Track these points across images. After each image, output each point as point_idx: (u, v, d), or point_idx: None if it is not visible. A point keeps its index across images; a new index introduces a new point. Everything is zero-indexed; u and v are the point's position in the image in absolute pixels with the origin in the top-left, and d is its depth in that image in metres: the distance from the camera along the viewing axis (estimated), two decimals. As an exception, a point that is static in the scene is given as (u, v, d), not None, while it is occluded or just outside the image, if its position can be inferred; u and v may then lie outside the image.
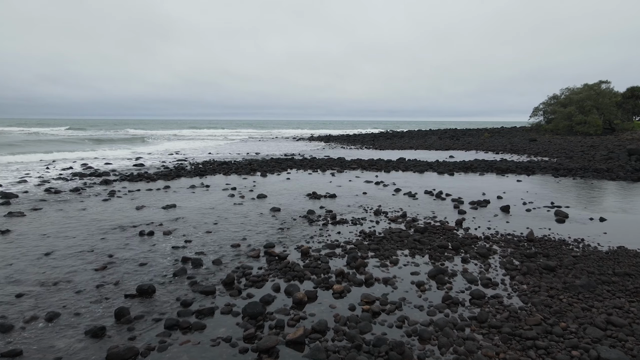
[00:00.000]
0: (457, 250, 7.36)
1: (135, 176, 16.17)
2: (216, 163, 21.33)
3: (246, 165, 20.02)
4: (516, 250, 7.30)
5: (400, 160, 22.94)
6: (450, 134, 51.58)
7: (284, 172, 18.35)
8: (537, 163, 21.33)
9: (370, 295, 5.29)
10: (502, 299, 5.30)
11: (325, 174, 18.04)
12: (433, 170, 19.19)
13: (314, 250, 7.32)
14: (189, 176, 16.78)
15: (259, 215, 10.05)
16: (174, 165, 20.75)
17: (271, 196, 12.58)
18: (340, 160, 22.53)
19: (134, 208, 10.66)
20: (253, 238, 8.04)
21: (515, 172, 18.25)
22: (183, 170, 18.21)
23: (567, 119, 44.52)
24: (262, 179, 16.28)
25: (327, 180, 15.95)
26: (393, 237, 8.06)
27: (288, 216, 9.94)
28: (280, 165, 20.51)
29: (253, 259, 6.84)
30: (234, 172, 18.04)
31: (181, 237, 8.11)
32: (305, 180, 15.93)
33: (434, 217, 9.91)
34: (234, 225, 9.05)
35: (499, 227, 9.04)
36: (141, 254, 7.01)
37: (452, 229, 8.72)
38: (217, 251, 7.23)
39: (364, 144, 39.44)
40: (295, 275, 6.06)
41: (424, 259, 6.95)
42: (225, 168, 19.17)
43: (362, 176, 17.19)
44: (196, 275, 6.09)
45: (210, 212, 10.25)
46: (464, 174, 18.01)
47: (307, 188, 14.06)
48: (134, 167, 19.77)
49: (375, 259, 6.89)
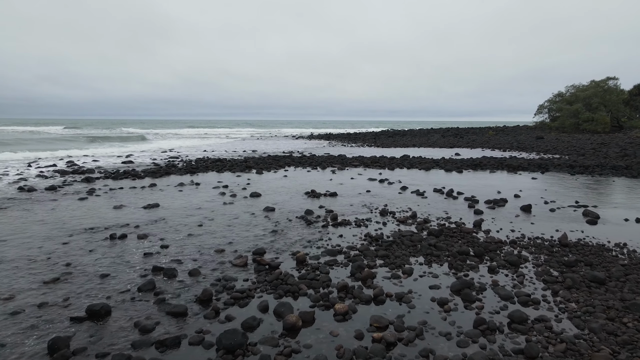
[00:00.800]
0: (481, 258, 6.23)
1: (120, 174, 15.04)
2: (210, 160, 20.19)
3: (241, 163, 18.88)
4: (551, 258, 6.16)
5: (405, 157, 21.79)
6: (453, 132, 50.45)
7: (281, 170, 17.21)
8: (550, 160, 20.19)
9: (382, 318, 4.16)
10: (550, 323, 4.16)
11: (326, 171, 16.90)
12: (440, 167, 18.05)
13: (311, 257, 6.18)
14: (179, 174, 15.64)
15: (250, 215, 8.91)
16: (165, 162, 19.61)
17: (266, 195, 11.44)
18: (341, 158, 21.39)
19: (111, 208, 9.53)
20: (241, 243, 6.91)
21: (527, 170, 17.11)
22: (173, 168, 17.07)
23: (574, 117, 43.38)
24: (257, 177, 15.14)
25: (328, 178, 14.82)
26: (404, 242, 6.92)
27: (283, 217, 8.80)
28: (277, 162, 19.37)
29: (238, 269, 5.71)
30: (227, 170, 16.90)
31: (157, 241, 6.97)
32: (304, 178, 14.80)
33: (447, 218, 8.76)
34: (220, 227, 7.91)
35: (523, 229, 7.90)
36: (105, 263, 5.87)
37: (470, 232, 7.57)
38: (197, 259, 6.09)
39: (365, 142, 38.30)
40: (289, 290, 4.92)
41: (442, 268, 5.82)
42: (219, 165, 18.03)
43: (364, 174, 16.05)
44: (166, 290, 4.95)
45: (195, 213, 9.11)
46: (473, 172, 16.87)
47: (305, 186, 12.93)
48: (122, 165, 18.64)
49: (384, 269, 5.75)
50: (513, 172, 16.76)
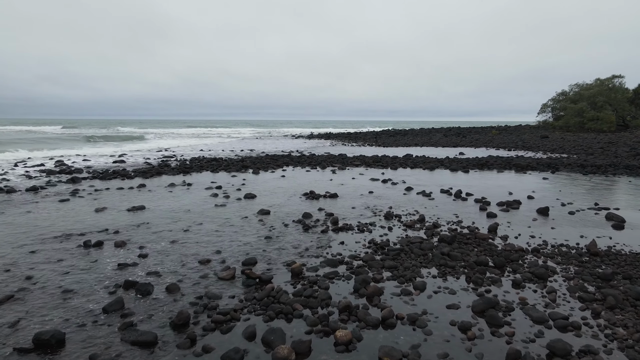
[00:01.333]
0: (502, 269, 5.47)
1: (109, 173, 14.28)
2: (205, 160, 19.43)
3: (238, 162, 18.13)
4: (582, 269, 5.40)
5: (407, 156, 21.03)
6: (455, 131, 49.69)
7: (279, 170, 16.45)
8: (559, 160, 19.43)
9: (394, 350, 3.40)
10: (599, 356, 3.40)
11: (325, 171, 16.14)
12: (444, 167, 17.29)
13: (309, 268, 5.43)
14: (171, 173, 14.88)
15: (242, 219, 8.14)
16: (158, 162, 18.85)
17: (261, 196, 10.68)
18: (341, 157, 20.63)
19: (92, 210, 8.77)
20: (230, 251, 6.15)
21: (537, 169, 16.35)
22: (166, 167, 16.31)
23: (578, 116, 42.60)
24: (253, 177, 14.38)
25: (328, 178, 14.06)
26: (413, 250, 6.16)
27: (278, 221, 8.04)
28: (275, 162, 18.61)
29: (225, 283, 4.95)
30: (222, 170, 16.14)
31: (136, 249, 6.21)
32: (303, 178, 14.04)
33: (459, 222, 8.00)
34: (208, 233, 7.15)
35: (544, 234, 7.14)
36: (72, 276, 5.11)
37: (486, 238, 6.81)
38: (177, 270, 5.33)
39: (366, 141, 37.54)
40: (281, 311, 4.17)
41: (459, 282, 5.06)
42: (214, 165, 17.28)
43: (366, 173, 15.29)
44: (136, 311, 4.20)
45: (183, 216, 8.36)
46: (480, 171, 16.11)
47: (304, 187, 12.17)
48: (113, 165, 17.88)
49: (393, 282, 5.00)
50: (522, 171, 16.00)
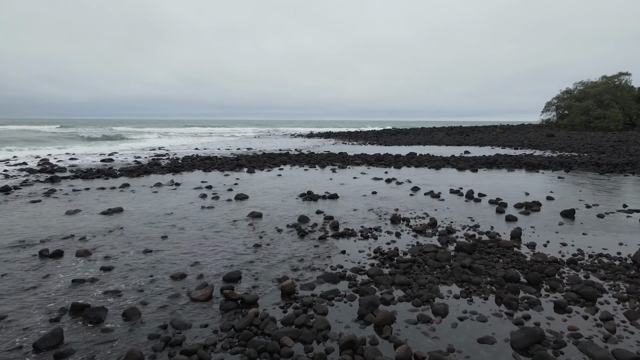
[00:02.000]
0: (538, 286, 4.51)
1: (93, 173, 13.33)
2: (199, 158, 18.48)
3: (232, 161, 17.17)
4: (635, 286, 4.45)
5: (411, 155, 20.07)
6: (457, 130, 48.73)
7: (275, 168, 15.49)
8: (571, 158, 18.47)
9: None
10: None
11: (325, 170, 15.18)
12: (451, 165, 16.33)
13: (303, 285, 4.47)
14: (160, 172, 13.93)
15: (230, 224, 7.19)
16: (148, 160, 17.89)
17: (254, 197, 9.73)
18: (342, 155, 19.67)
19: (63, 213, 7.82)
20: (210, 263, 5.19)
21: (549, 168, 15.39)
22: (156, 166, 15.36)
23: (584, 114, 41.64)
24: (247, 176, 13.42)
25: (327, 178, 13.10)
26: (427, 261, 5.21)
27: (271, 226, 7.08)
28: (272, 160, 17.65)
29: (198, 306, 4.00)
30: (216, 168, 15.19)
31: (101, 260, 5.26)
32: (301, 178, 13.08)
33: (475, 227, 7.05)
34: (189, 239, 6.20)
35: (577, 242, 6.18)
36: (10, 297, 4.16)
37: (510, 246, 5.86)
38: (144, 288, 4.38)
39: (367, 140, 36.55)
40: (265, 348, 3.21)
41: (489, 303, 4.10)
42: (207, 163, 16.33)
43: (368, 172, 14.33)
44: (77, 348, 3.24)
45: (163, 220, 7.40)
46: (489, 170, 15.16)
47: (301, 187, 11.21)
48: (100, 163, 16.93)
49: (406, 305, 4.05)
50: (533, 170, 15.04)
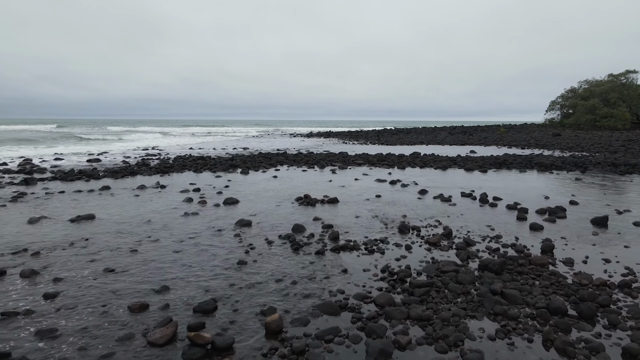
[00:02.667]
0: (592, 320, 3.55)
1: (74, 174, 12.37)
2: (191, 158, 17.51)
3: (226, 161, 16.21)
4: None
5: (415, 155, 19.11)
6: (460, 130, 47.75)
7: (271, 169, 14.53)
8: (583, 158, 17.50)
9: None
10: None
11: (324, 171, 14.23)
12: (458, 166, 15.38)
13: (293, 321, 3.51)
14: (147, 174, 12.97)
15: (214, 234, 6.23)
16: (137, 161, 16.93)
17: (245, 201, 8.78)
18: (342, 155, 18.71)
19: (24, 221, 6.86)
20: (182, 287, 4.23)
21: (563, 169, 14.44)
22: (144, 167, 14.41)
23: (590, 113, 40.66)
24: (241, 178, 12.46)
25: (326, 179, 12.14)
26: (447, 284, 4.25)
27: (261, 236, 6.12)
28: (268, 160, 16.69)
29: (154, 354, 3.04)
30: (207, 169, 14.23)
31: (47, 283, 4.31)
32: (298, 179, 12.12)
33: (497, 237, 6.09)
34: (162, 254, 5.24)
35: (620, 257, 5.22)
36: None
37: (545, 264, 4.90)
38: (89, 325, 3.41)
39: (368, 139, 35.57)
40: None
41: (534, 347, 3.14)
42: (199, 164, 15.37)
43: (371, 173, 13.37)
44: None
45: (138, 229, 6.45)
46: (498, 171, 14.20)
47: (298, 189, 10.26)
48: (86, 164, 15.97)
49: (428, 349, 3.08)
50: (546, 171, 14.09)
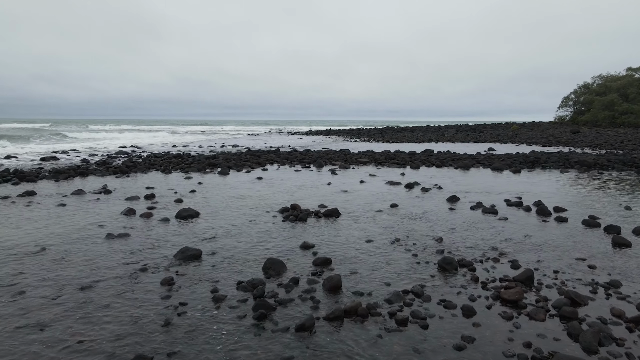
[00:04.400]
0: None
1: (10, 174, 9.84)
2: (167, 157, 15.00)
3: (206, 160, 13.69)
4: None
5: (428, 152, 16.57)
6: (467, 127, 45.23)
7: (257, 169, 12.01)
8: (627, 156, 14.96)
9: None
10: None
11: (322, 171, 11.71)
12: (483, 165, 12.86)
13: None
14: (101, 174, 10.44)
15: (128, 278, 3.69)
16: (102, 160, 14.40)
17: (208, 214, 6.25)
18: (344, 153, 16.17)
19: None
20: None
21: (611, 168, 11.93)
22: (103, 166, 11.89)
23: (607, 109, 38.11)
24: (216, 180, 9.94)
25: (324, 181, 9.61)
26: None
27: (206, 284, 3.58)
28: (256, 158, 14.16)
29: None
30: (180, 169, 11.72)
31: None
32: (288, 182, 9.60)
33: (612, 286, 3.55)
34: (11, 334, 2.70)
35: None
36: None
37: None
38: None
39: (371, 137, 33.01)
40: None
41: None
42: (173, 163, 12.87)
43: (379, 174, 10.84)
44: None
45: (12, 264, 3.91)
46: (531, 171, 11.70)
47: (286, 196, 7.73)
48: (38, 163, 13.45)
49: None
50: (589, 170, 11.58)
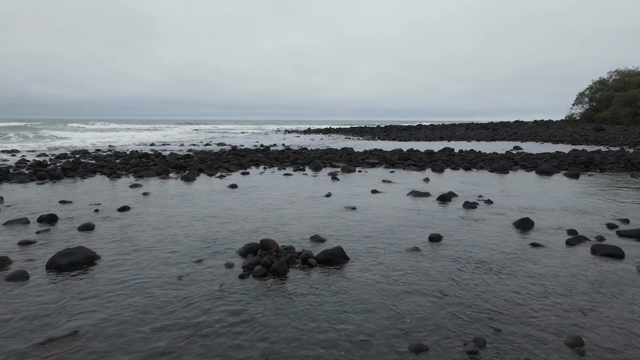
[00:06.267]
0: None
1: None
2: (129, 157, 12.29)
3: (178, 160, 10.97)
4: None
5: (448, 151, 13.83)
6: (477, 126, 42.46)
7: (236, 172, 9.29)
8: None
9: None
10: None
11: (320, 176, 8.99)
12: (522, 167, 10.16)
13: None
14: (22, 180, 7.73)
15: None
16: (40, 161, 11.67)
17: (114, 261, 3.51)
18: (347, 152, 13.44)
19: None
20: None
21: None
22: (38, 168, 9.17)
23: (629, 105, 35.33)
24: (174, 188, 7.20)
25: (322, 191, 6.87)
26: None
27: None
28: (239, 159, 11.44)
29: None
30: (134, 172, 8.99)
31: None
32: (271, 192, 6.86)
33: None
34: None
35: None
36: None
37: None
38: None
39: (375, 135, 30.24)
40: None
41: None
42: (132, 165, 10.15)
43: (395, 179, 8.11)
44: None
45: None
46: (592, 175, 8.99)
47: (260, 217, 5.00)
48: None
49: None
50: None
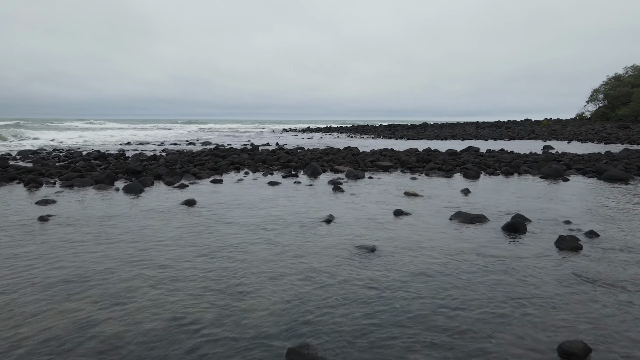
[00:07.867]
0: None
1: None
2: (77, 158, 9.93)
3: (138, 162, 8.61)
4: None
5: (474, 151, 11.48)
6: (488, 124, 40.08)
7: (204, 181, 6.94)
8: None
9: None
10: None
11: (317, 184, 6.64)
12: (577, 170, 7.83)
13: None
14: None
15: None
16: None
17: None
18: (351, 153, 11.05)
19: None
20: None
21: None
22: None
23: (650, 101, 33.04)
24: (106, 204, 4.86)
25: (320, 211, 4.52)
26: None
27: None
28: (219, 160, 9.08)
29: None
30: (66, 179, 6.64)
31: None
32: (244, 213, 4.51)
33: None
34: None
35: None
36: None
37: None
38: None
39: (379, 133, 27.84)
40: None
41: None
42: (75, 169, 7.81)
43: (421, 190, 5.75)
44: None
45: None
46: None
47: (204, 276, 2.65)
48: None
49: None
50: None
